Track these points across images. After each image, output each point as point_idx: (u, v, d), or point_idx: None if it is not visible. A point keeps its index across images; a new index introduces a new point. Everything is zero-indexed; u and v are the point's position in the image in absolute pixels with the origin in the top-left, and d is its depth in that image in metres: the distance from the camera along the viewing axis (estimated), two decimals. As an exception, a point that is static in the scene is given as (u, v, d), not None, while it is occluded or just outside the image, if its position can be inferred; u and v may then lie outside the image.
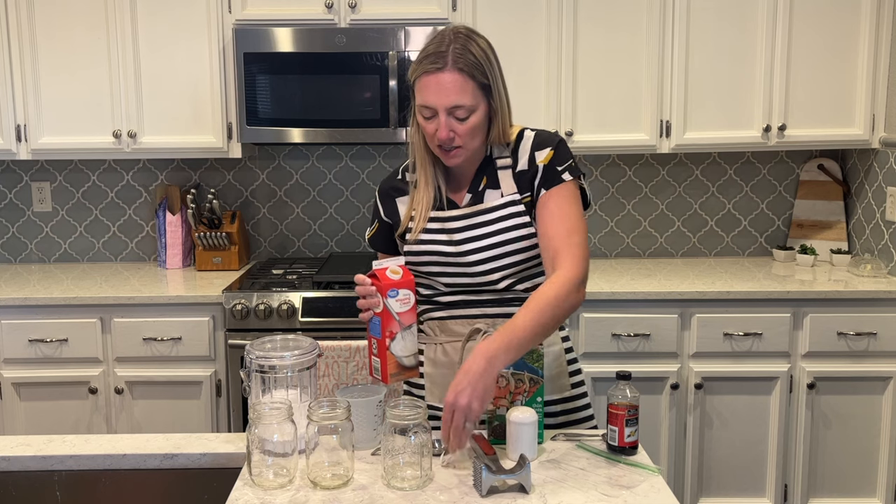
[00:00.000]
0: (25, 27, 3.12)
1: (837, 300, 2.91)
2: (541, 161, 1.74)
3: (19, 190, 3.59)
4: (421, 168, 1.79)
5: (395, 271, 1.63)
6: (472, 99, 1.67)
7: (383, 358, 1.63)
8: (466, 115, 1.67)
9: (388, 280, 1.62)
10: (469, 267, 1.75)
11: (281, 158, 3.58)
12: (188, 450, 1.66)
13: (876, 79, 3.13)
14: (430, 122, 1.69)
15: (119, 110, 3.17)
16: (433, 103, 1.66)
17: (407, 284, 1.63)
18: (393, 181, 1.88)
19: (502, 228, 1.74)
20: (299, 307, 2.94)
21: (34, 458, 1.65)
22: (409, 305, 1.63)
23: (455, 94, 1.65)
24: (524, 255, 1.75)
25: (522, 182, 1.76)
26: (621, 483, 1.50)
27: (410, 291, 1.64)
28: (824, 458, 2.99)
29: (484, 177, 1.78)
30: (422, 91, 1.69)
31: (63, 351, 2.95)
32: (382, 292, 1.61)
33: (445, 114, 1.66)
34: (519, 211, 1.75)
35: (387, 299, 1.61)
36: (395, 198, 1.86)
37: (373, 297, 1.62)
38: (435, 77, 1.66)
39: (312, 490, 1.49)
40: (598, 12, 3.11)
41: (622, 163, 3.55)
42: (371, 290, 1.62)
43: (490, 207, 1.75)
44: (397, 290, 1.61)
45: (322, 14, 3.10)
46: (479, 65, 1.67)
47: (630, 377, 1.64)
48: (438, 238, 1.76)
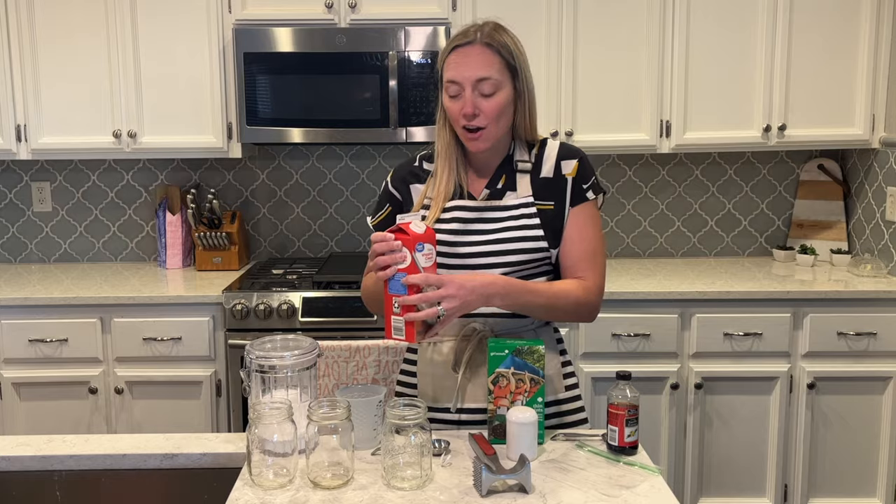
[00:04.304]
0: (25, 27, 3.12)
1: (837, 300, 2.91)
2: (568, 173, 1.76)
3: (19, 190, 3.59)
4: (445, 159, 1.78)
5: (418, 225, 1.60)
6: (499, 73, 1.68)
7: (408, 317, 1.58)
8: (492, 91, 1.68)
9: (416, 233, 1.57)
10: (466, 259, 1.74)
11: (281, 158, 3.58)
12: (188, 450, 1.66)
13: (876, 78, 3.13)
14: (456, 100, 1.70)
15: (119, 110, 3.17)
16: (459, 76, 1.68)
17: (430, 239, 1.60)
18: (410, 167, 1.87)
19: (509, 227, 1.73)
20: (299, 307, 2.94)
21: (34, 457, 1.64)
22: (433, 261, 1.60)
23: (482, 66, 1.67)
24: (523, 257, 1.74)
25: (544, 188, 1.76)
26: (621, 483, 1.50)
27: (433, 247, 1.61)
28: (824, 458, 2.99)
29: (503, 175, 1.78)
30: (449, 68, 1.70)
31: (63, 351, 2.95)
32: (411, 246, 1.56)
33: (471, 88, 1.67)
34: (530, 213, 1.74)
35: (415, 253, 1.57)
36: (411, 184, 1.84)
37: (397, 252, 1.57)
38: (463, 50, 1.69)
39: (312, 490, 1.48)
40: (598, 12, 3.11)
41: (622, 163, 3.55)
42: (396, 244, 1.57)
43: (504, 206, 1.75)
44: (423, 244, 1.58)
45: (322, 14, 3.10)
46: (507, 46, 1.69)
47: (630, 377, 1.64)
48: (445, 227, 1.75)
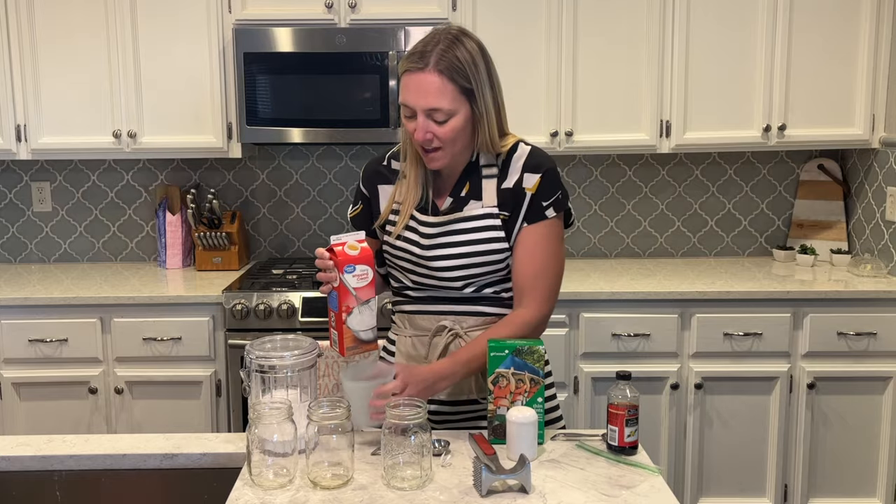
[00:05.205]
0: (25, 27, 3.11)
1: (837, 300, 2.91)
2: (528, 188, 1.73)
3: (19, 190, 3.59)
4: (411, 165, 1.77)
5: (353, 247, 1.60)
6: (451, 103, 1.64)
7: (340, 331, 1.62)
8: (445, 119, 1.65)
9: (345, 256, 1.59)
10: (436, 271, 1.75)
11: (281, 158, 3.58)
12: (188, 450, 1.66)
13: (876, 78, 3.12)
14: (410, 121, 1.69)
15: (119, 110, 3.17)
16: (411, 103, 1.66)
17: (365, 260, 1.60)
18: (378, 166, 1.86)
19: (475, 240, 1.73)
20: (299, 307, 2.94)
21: (34, 457, 1.64)
22: (367, 281, 1.61)
23: (432, 96, 1.63)
24: (491, 268, 1.74)
25: (505, 198, 1.74)
26: (621, 483, 1.50)
27: (368, 267, 1.61)
28: (824, 459, 2.99)
29: (467, 183, 1.76)
30: (403, 90, 1.68)
31: (63, 351, 2.95)
32: (339, 268, 1.59)
33: (424, 115, 1.66)
34: (495, 225, 1.74)
35: (343, 275, 1.59)
36: (378, 184, 1.84)
37: (331, 271, 1.61)
38: (415, 77, 1.65)
39: (312, 490, 1.48)
40: (598, 11, 3.11)
41: (622, 163, 3.55)
42: (329, 264, 1.60)
43: (467, 217, 1.74)
44: (354, 265, 1.59)
45: (322, 14, 3.10)
46: (462, 69, 1.64)
47: (630, 377, 1.64)
48: (412, 237, 1.76)
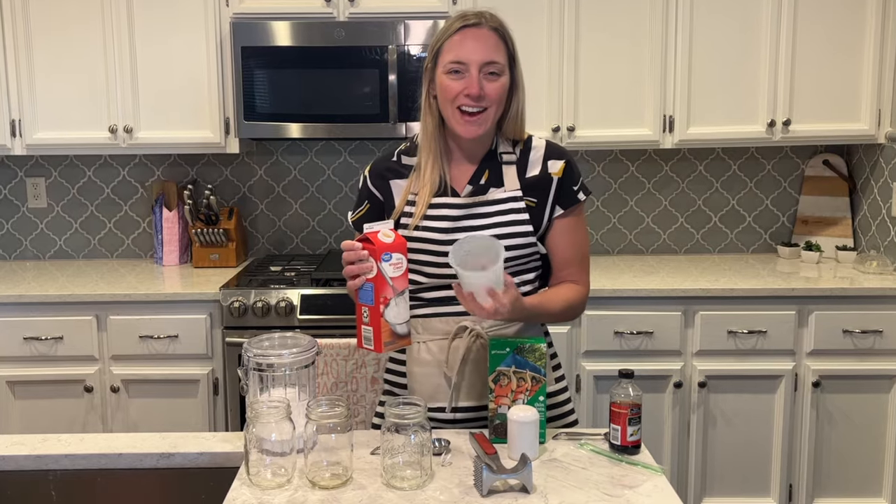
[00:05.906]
0: (20, 21, 3.09)
1: (843, 297, 2.88)
2: (554, 173, 1.74)
3: (14, 186, 3.56)
4: (428, 153, 1.74)
5: (387, 234, 1.56)
6: (503, 60, 1.68)
7: (376, 326, 1.56)
8: (498, 74, 1.68)
9: (382, 243, 1.54)
10: None
11: (279, 154, 3.55)
12: (185, 449, 1.65)
13: (882, 73, 3.10)
14: (458, 80, 1.66)
15: (115, 105, 3.14)
16: (466, 57, 1.65)
17: (399, 248, 1.56)
18: (388, 162, 1.83)
19: (499, 223, 1.71)
20: (298, 304, 2.91)
21: (29, 457, 1.63)
22: (402, 270, 1.56)
23: (492, 49, 1.66)
24: (513, 253, 1.71)
25: (531, 186, 1.74)
26: (624, 483, 1.49)
27: (403, 255, 1.57)
28: (829, 458, 2.96)
29: (487, 170, 1.75)
30: (454, 48, 1.67)
31: (58, 349, 2.93)
32: (377, 256, 1.53)
33: (478, 69, 1.65)
34: (519, 208, 1.72)
35: (381, 263, 1.54)
36: (390, 179, 1.81)
37: (365, 261, 1.55)
38: (472, 31, 1.67)
39: (311, 490, 1.47)
40: (601, 6, 3.09)
41: (625, 158, 3.52)
42: (363, 254, 1.54)
43: (492, 200, 1.73)
44: (391, 253, 1.54)
45: (321, 7, 3.07)
46: (509, 35, 1.70)
47: (633, 375, 1.62)
48: (433, 225, 1.73)
